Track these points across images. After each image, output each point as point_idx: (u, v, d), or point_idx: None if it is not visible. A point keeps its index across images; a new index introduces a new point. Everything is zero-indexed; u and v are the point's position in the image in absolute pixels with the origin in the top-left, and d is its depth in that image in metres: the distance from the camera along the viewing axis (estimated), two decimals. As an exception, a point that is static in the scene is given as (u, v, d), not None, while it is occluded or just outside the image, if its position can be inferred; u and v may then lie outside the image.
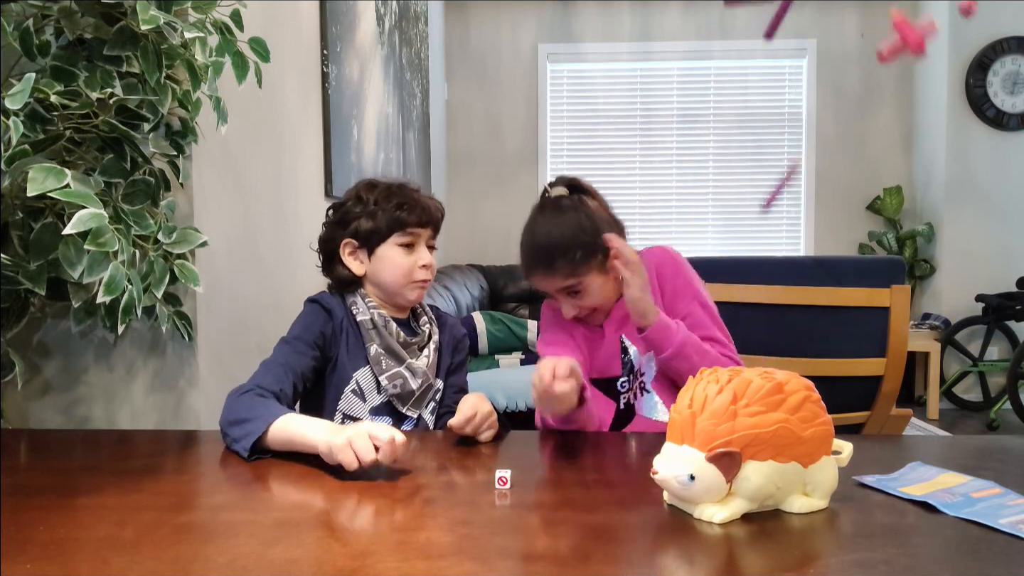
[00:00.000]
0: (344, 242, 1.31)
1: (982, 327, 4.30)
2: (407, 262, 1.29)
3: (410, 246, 1.30)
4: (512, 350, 3.30)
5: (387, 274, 1.30)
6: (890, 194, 4.64)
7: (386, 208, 1.28)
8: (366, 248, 1.30)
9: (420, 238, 1.31)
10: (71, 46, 1.18)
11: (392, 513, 0.79)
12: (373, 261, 1.30)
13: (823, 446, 0.80)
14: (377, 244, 1.29)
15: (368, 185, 1.33)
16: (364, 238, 1.29)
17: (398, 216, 1.28)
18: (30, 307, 1.30)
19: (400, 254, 1.29)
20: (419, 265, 1.30)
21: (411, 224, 1.29)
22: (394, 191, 1.30)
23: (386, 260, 1.29)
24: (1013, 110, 4.24)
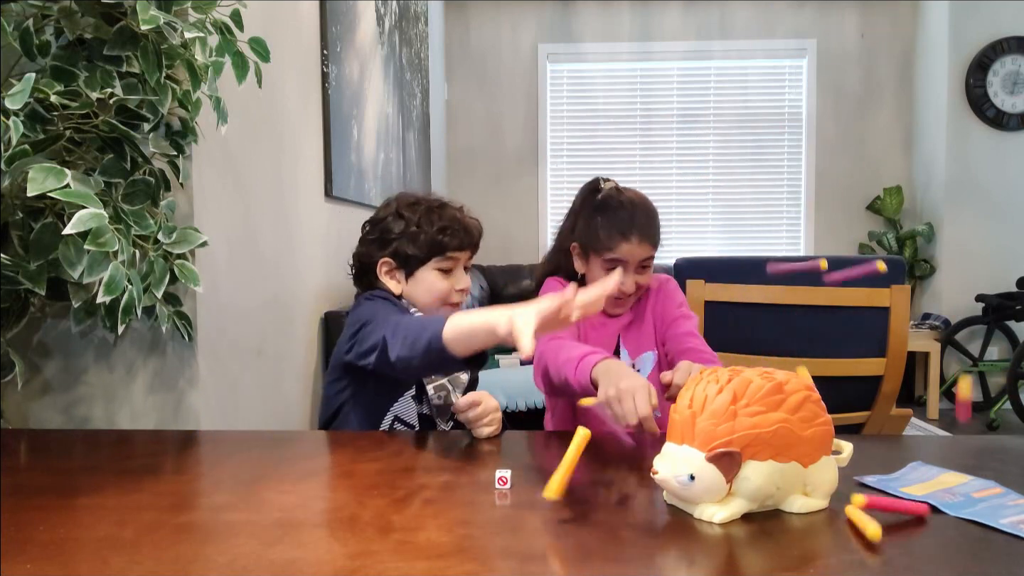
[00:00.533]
0: (381, 261, 1.29)
1: (982, 327, 4.30)
2: (444, 286, 1.29)
3: (449, 270, 1.29)
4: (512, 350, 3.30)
5: (422, 297, 1.29)
6: (890, 194, 4.64)
7: (428, 231, 1.26)
8: (404, 269, 1.29)
9: (459, 262, 1.31)
10: (71, 46, 1.18)
11: (392, 513, 0.79)
12: (410, 283, 1.29)
13: (823, 446, 0.80)
14: (416, 267, 1.28)
15: (409, 203, 1.29)
16: (403, 260, 1.28)
17: (440, 240, 1.26)
18: (30, 307, 1.30)
19: (438, 278, 1.28)
20: (456, 289, 1.30)
21: (452, 248, 1.27)
22: (435, 212, 1.28)
23: (424, 284, 1.28)
24: (1013, 110, 4.24)
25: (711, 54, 4.79)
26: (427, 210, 1.27)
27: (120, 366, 1.43)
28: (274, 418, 1.80)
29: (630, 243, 1.38)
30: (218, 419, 1.51)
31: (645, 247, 1.40)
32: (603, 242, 1.41)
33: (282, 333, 1.90)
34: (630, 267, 1.41)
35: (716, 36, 4.77)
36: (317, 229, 2.20)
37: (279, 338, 1.88)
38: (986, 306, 4.21)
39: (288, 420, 1.89)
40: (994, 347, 4.31)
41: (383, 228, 1.29)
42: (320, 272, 2.21)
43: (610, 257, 1.41)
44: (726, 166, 4.83)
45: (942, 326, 4.26)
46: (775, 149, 4.82)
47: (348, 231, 2.49)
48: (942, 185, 4.33)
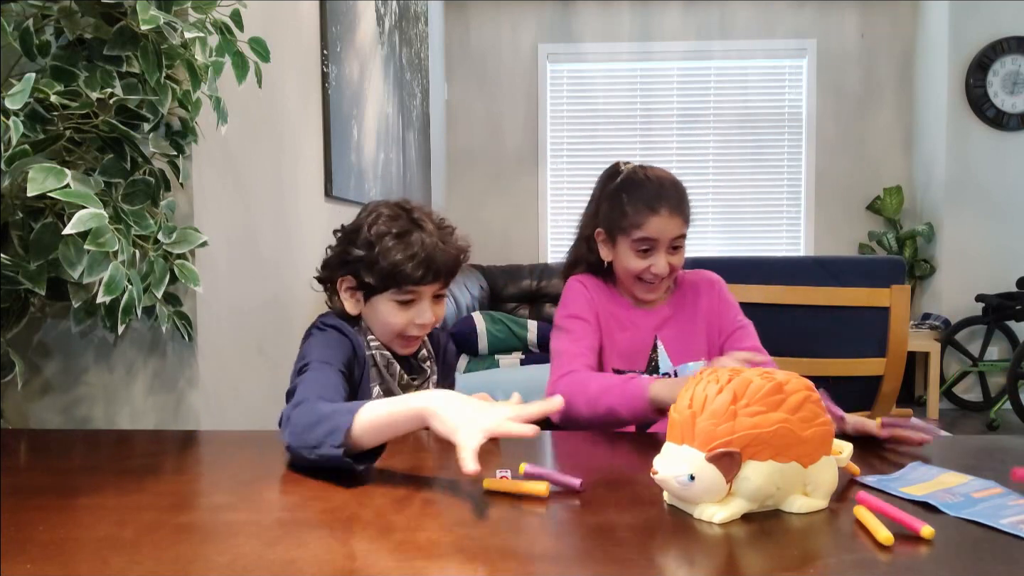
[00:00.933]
0: (341, 279, 1.20)
1: (982, 327, 4.30)
2: (399, 321, 1.16)
3: (408, 302, 1.16)
4: (512, 350, 3.30)
5: (378, 328, 1.19)
6: (890, 194, 4.64)
7: (387, 260, 1.12)
8: (362, 292, 1.18)
9: (421, 295, 1.17)
10: (71, 46, 1.18)
11: (392, 513, 0.79)
12: (368, 306, 1.19)
13: (823, 446, 0.80)
14: (373, 294, 1.17)
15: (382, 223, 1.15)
16: (362, 285, 1.17)
17: (398, 272, 1.13)
18: (30, 307, 1.30)
19: (394, 310, 1.16)
20: (414, 323, 1.17)
21: (411, 283, 1.14)
22: (403, 238, 1.13)
23: (380, 313, 1.17)
24: (1013, 110, 4.24)
25: (711, 54, 4.79)
26: (396, 235, 1.13)
27: (120, 366, 1.43)
28: (274, 418, 1.80)
29: (660, 217, 1.29)
30: (218, 419, 1.51)
31: (676, 222, 1.31)
32: (631, 219, 1.31)
33: (282, 333, 1.90)
34: (661, 246, 1.31)
35: (716, 36, 4.77)
36: (317, 229, 2.20)
37: (279, 338, 1.88)
38: (986, 306, 4.21)
39: (288, 420, 1.89)
40: (994, 347, 4.31)
41: (347, 242, 1.18)
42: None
43: (639, 236, 1.30)
44: (726, 166, 4.83)
45: (942, 326, 4.26)
46: (775, 149, 4.82)
47: (348, 231, 2.49)
48: (942, 185, 4.33)
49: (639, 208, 1.31)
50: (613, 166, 1.42)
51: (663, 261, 1.32)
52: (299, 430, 0.91)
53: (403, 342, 1.20)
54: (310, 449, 0.89)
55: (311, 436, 0.89)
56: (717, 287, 1.43)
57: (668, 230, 1.31)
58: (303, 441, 0.90)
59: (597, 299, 1.39)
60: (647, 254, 1.32)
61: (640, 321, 1.38)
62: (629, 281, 1.36)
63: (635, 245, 1.32)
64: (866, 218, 4.77)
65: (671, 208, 1.30)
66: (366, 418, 0.87)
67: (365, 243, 1.15)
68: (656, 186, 1.32)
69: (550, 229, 4.95)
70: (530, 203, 4.91)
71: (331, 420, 0.88)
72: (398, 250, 1.13)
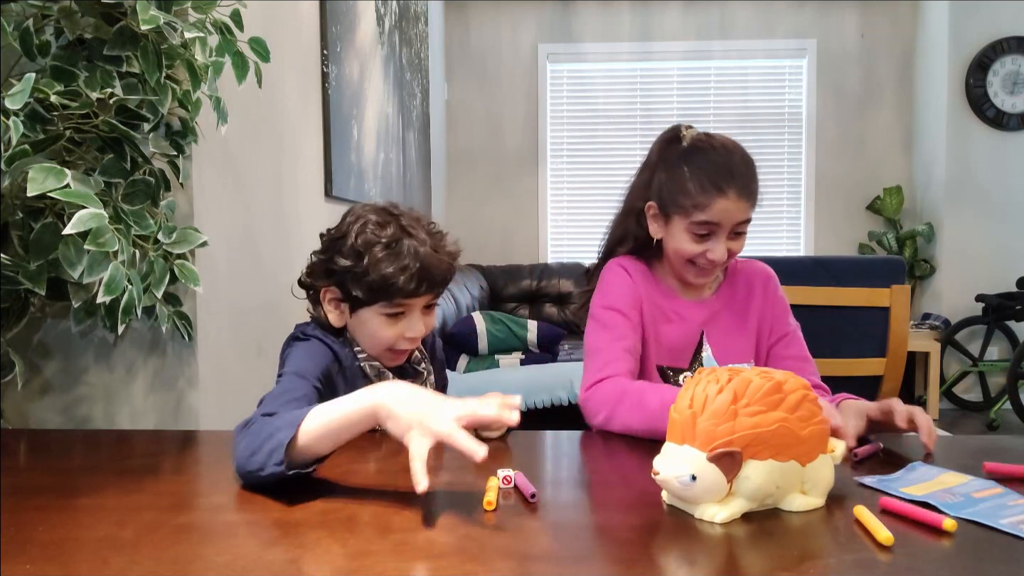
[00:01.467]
0: (325, 289, 1.11)
1: (982, 327, 4.30)
2: (389, 334, 1.09)
3: (398, 315, 1.09)
4: (512, 350, 3.30)
5: (364, 339, 1.12)
6: (890, 194, 4.64)
7: (376, 273, 1.05)
8: (348, 303, 1.11)
9: (412, 307, 1.10)
10: (71, 46, 1.18)
11: (392, 513, 0.79)
12: (354, 319, 1.11)
13: (820, 445, 0.81)
14: (360, 307, 1.10)
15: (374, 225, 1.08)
16: (348, 296, 1.09)
17: (390, 285, 1.05)
18: (30, 307, 1.30)
19: (382, 324, 1.09)
20: (404, 336, 1.10)
21: (402, 296, 1.07)
22: (393, 248, 1.06)
23: (367, 327, 1.10)
24: (1013, 110, 4.24)
25: (711, 54, 4.79)
26: (386, 244, 1.05)
27: (120, 366, 1.43)
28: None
29: (727, 199, 1.13)
30: (218, 419, 1.51)
31: (743, 206, 1.14)
32: (693, 198, 1.15)
33: (282, 333, 1.89)
34: (723, 231, 1.15)
35: (716, 36, 4.77)
36: (317, 229, 2.19)
37: (279, 338, 1.87)
38: (986, 306, 4.21)
39: (288, 420, 1.89)
40: (994, 347, 4.31)
41: (333, 251, 1.09)
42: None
43: (700, 219, 1.15)
44: (726, 166, 4.83)
45: (942, 326, 4.26)
46: (775, 149, 4.82)
47: (348, 231, 2.49)
48: (942, 185, 4.33)
49: (704, 186, 1.14)
50: (672, 129, 1.27)
51: (722, 247, 1.17)
52: (245, 454, 0.85)
53: (392, 355, 1.14)
54: (255, 473, 0.84)
55: (255, 460, 0.83)
56: (772, 283, 1.30)
57: (733, 215, 1.15)
58: (249, 466, 0.84)
59: (644, 288, 1.25)
60: (705, 239, 1.17)
61: (687, 313, 1.26)
62: (679, 264, 1.23)
63: (693, 228, 1.17)
64: (866, 218, 4.77)
65: (740, 189, 1.14)
66: (312, 426, 0.83)
67: (352, 253, 1.07)
68: (725, 160, 1.16)
69: (550, 229, 4.95)
70: (530, 203, 4.92)
71: (273, 438, 0.83)
72: (389, 261, 1.05)
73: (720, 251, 1.17)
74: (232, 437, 0.90)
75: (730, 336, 1.26)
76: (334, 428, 0.83)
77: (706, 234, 1.17)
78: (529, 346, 3.34)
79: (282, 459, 0.81)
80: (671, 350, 1.25)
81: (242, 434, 0.88)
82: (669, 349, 1.25)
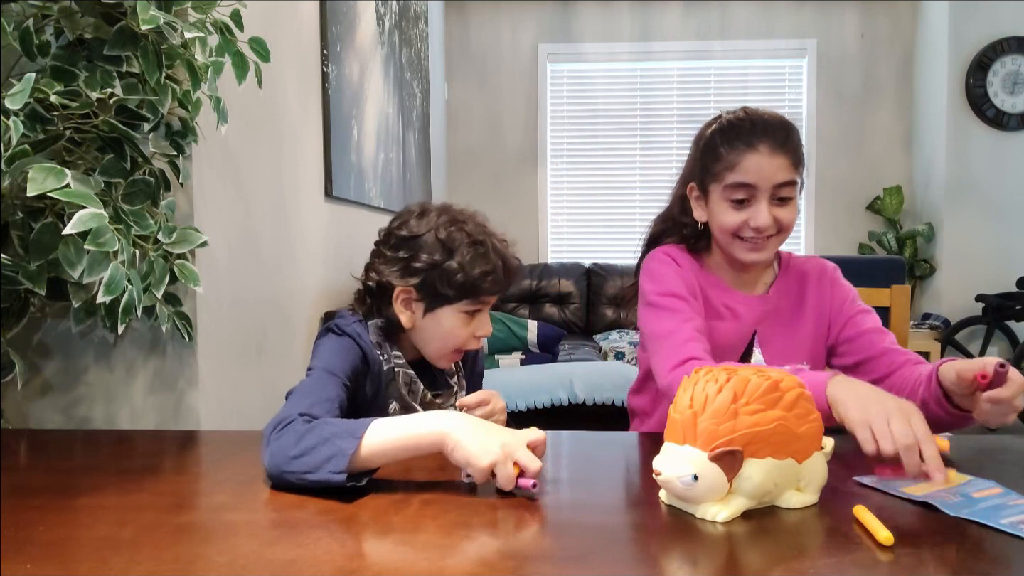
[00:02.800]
0: (401, 288, 1.09)
1: (982, 327, 4.30)
2: (464, 333, 1.10)
3: (475, 313, 1.10)
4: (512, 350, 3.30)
5: (435, 339, 1.11)
6: (890, 194, 4.64)
7: (469, 272, 1.06)
8: (424, 302, 1.09)
9: (488, 305, 1.12)
10: (71, 46, 1.18)
11: (392, 513, 0.79)
12: (427, 319, 1.10)
13: (815, 442, 0.81)
14: (440, 305, 1.09)
15: (451, 227, 1.08)
16: (428, 294, 1.08)
17: (477, 284, 1.06)
18: (30, 307, 1.30)
19: (460, 323, 1.10)
20: (475, 335, 1.11)
21: (488, 294, 1.09)
22: (480, 247, 1.07)
23: (443, 325, 1.10)
24: (1013, 110, 4.24)
25: (711, 54, 4.79)
26: (472, 244, 1.07)
27: (120, 366, 1.43)
28: (274, 418, 1.80)
29: (758, 154, 1.07)
30: (218, 419, 1.51)
31: (780, 161, 1.07)
32: (724, 160, 1.09)
33: (282, 333, 1.90)
34: (761, 193, 1.08)
35: (716, 36, 4.77)
36: (317, 229, 2.20)
37: (279, 338, 1.88)
38: (986, 306, 4.21)
39: (288, 420, 1.89)
40: (994, 347, 4.31)
41: (413, 249, 1.08)
42: (320, 272, 2.21)
43: (733, 181, 1.09)
44: (726, 166, 4.83)
45: (942, 326, 4.26)
46: (775, 149, 4.82)
47: (348, 231, 2.49)
48: (942, 185, 4.33)
49: (735, 145, 1.09)
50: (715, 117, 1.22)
51: (765, 212, 1.08)
52: (289, 455, 0.84)
53: (452, 356, 1.14)
54: (303, 474, 0.83)
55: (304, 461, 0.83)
56: (830, 274, 1.24)
57: (769, 172, 1.07)
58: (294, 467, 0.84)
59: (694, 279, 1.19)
60: (744, 205, 1.10)
61: (739, 309, 1.20)
62: (727, 242, 1.15)
63: (728, 193, 1.10)
64: (866, 218, 4.77)
65: (773, 145, 1.08)
66: (375, 441, 0.84)
67: (439, 251, 1.07)
68: (756, 121, 1.11)
69: (550, 229, 4.95)
70: (530, 203, 4.92)
71: (330, 443, 0.83)
72: (481, 260, 1.06)
73: (763, 216, 1.09)
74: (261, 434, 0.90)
75: (785, 335, 1.20)
76: (399, 447, 0.85)
77: (744, 199, 1.10)
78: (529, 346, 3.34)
79: (343, 468, 0.81)
80: (720, 348, 1.18)
81: (281, 433, 0.87)
82: (718, 347, 1.17)
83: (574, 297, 4.38)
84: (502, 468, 0.82)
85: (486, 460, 0.82)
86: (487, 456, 0.82)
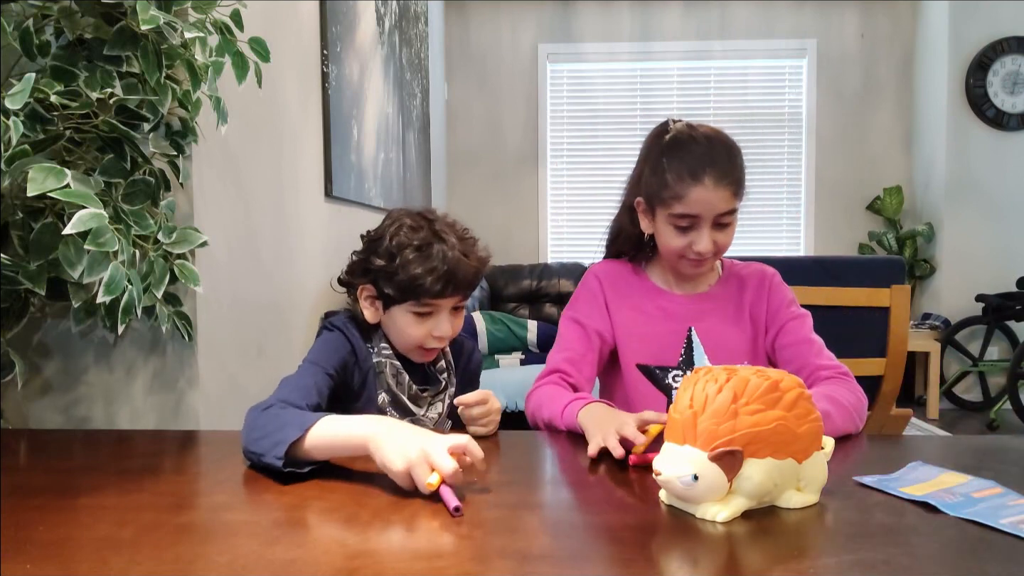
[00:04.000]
0: (361, 287, 1.19)
1: (982, 327, 4.30)
2: (418, 332, 1.16)
3: (426, 314, 1.16)
4: (512, 350, 3.30)
5: (395, 337, 1.19)
6: (890, 194, 4.64)
7: (407, 273, 1.12)
8: (381, 301, 1.18)
9: (440, 307, 1.16)
10: (71, 46, 1.18)
11: (392, 513, 0.79)
12: (387, 315, 1.18)
13: (815, 442, 0.81)
14: (391, 304, 1.17)
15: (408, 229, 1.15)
16: (380, 293, 1.17)
17: (418, 285, 1.12)
18: (30, 307, 1.30)
19: (411, 322, 1.16)
20: (432, 335, 1.16)
21: (430, 296, 1.13)
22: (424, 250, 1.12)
23: (397, 324, 1.17)
24: (1013, 110, 4.24)
25: (711, 54, 4.79)
26: (416, 247, 1.13)
27: (120, 366, 1.43)
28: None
29: (703, 187, 1.11)
30: (218, 419, 1.51)
31: (723, 194, 1.12)
32: (671, 189, 1.14)
33: (282, 333, 1.90)
34: (704, 222, 1.14)
35: (716, 36, 4.77)
36: (317, 229, 2.20)
37: (279, 338, 1.88)
38: (986, 306, 4.21)
39: (288, 420, 1.89)
40: (994, 347, 4.31)
41: (370, 251, 1.17)
42: (320, 272, 2.21)
43: (680, 212, 1.14)
44: (726, 166, 4.83)
45: (942, 326, 4.26)
46: (775, 149, 4.82)
47: (348, 231, 2.49)
48: (942, 185, 4.33)
49: (681, 176, 1.13)
50: (663, 124, 1.27)
51: (706, 239, 1.15)
52: (253, 436, 0.94)
53: (421, 352, 1.20)
54: (256, 456, 0.92)
55: (260, 444, 0.92)
56: (768, 280, 1.28)
57: (712, 204, 1.13)
58: (252, 447, 0.93)
59: (616, 294, 1.28)
60: (687, 231, 1.17)
61: (676, 310, 1.26)
62: (671, 260, 1.23)
63: (674, 220, 1.16)
64: (866, 218, 4.77)
65: (717, 177, 1.12)
66: (318, 433, 0.90)
67: (386, 254, 1.14)
68: (703, 149, 1.14)
69: (550, 229, 4.95)
70: (530, 203, 4.92)
71: (281, 431, 0.91)
72: (418, 263, 1.12)
73: (705, 243, 1.16)
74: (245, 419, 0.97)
75: (723, 332, 1.25)
76: (334, 444, 0.91)
77: (688, 226, 1.17)
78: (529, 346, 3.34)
79: (282, 455, 0.88)
80: (656, 350, 1.26)
81: (257, 415, 0.97)
82: (654, 349, 1.26)
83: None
84: (417, 470, 0.83)
85: (401, 464, 0.83)
86: (402, 460, 0.84)
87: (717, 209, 1.15)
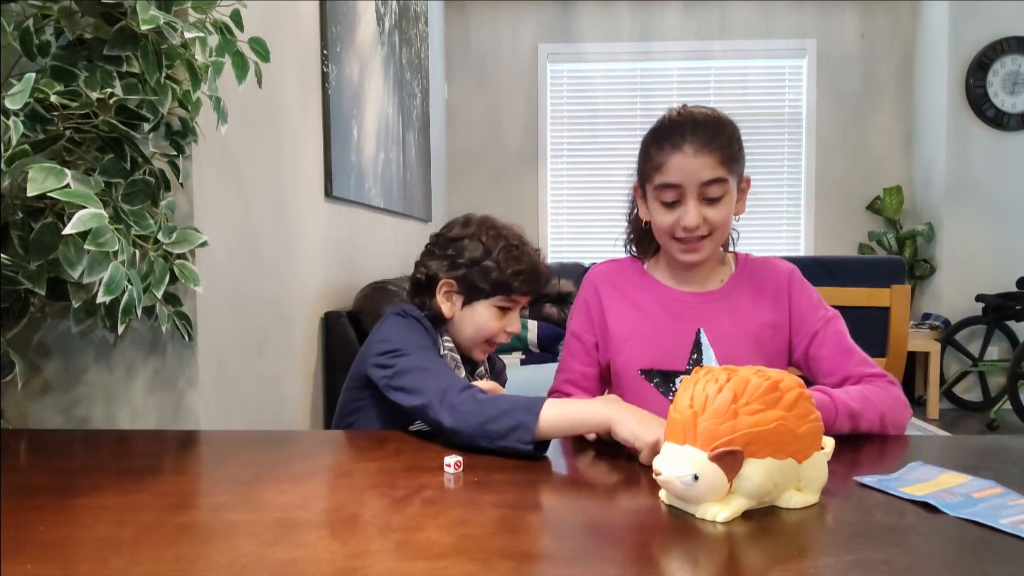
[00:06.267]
0: (444, 281, 1.26)
1: (982, 327, 4.30)
2: (495, 326, 1.26)
3: (506, 310, 1.26)
4: (512, 350, 3.30)
5: (468, 329, 1.26)
6: (890, 194, 4.64)
7: (503, 271, 1.23)
8: (463, 296, 1.26)
9: (519, 305, 1.27)
10: (71, 46, 1.18)
11: (392, 513, 0.79)
12: (465, 310, 1.26)
13: (815, 442, 0.81)
14: (476, 299, 1.25)
15: (491, 233, 1.26)
16: (467, 288, 1.25)
17: (511, 283, 1.23)
18: (30, 307, 1.30)
19: (493, 316, 1.25)
20: (505, 330, 1.26)
21: (519, 293, 1.24)
22: (515, 251, 1.24)
23: (477, 317, 1.25)
24: (1013, 110, 4.24)
25: (711, 54, 4.79)
26: (507, 247, 1.25)
27: (120, 366, 1.43)
28: (274, 418, 1.80)
29: (682, 154, 1.06)
30: (218, 419, 1.51)
31: (705, 161, 1.06)
32: (653, 161, 1.10)
33: (282, 333, 1.90)
34: (688, 193, 1.08)
35: (716, 36, 4.77)
36: (317, 229, 2.20)
37: (279, 338, 1.88)
38: (986, 306, 4.21)
39: (288, 420, 1.89)
40: (994, 347, 4.31)
41: (457, 248, 1.26)
42: (320, 272, 2.21)
43: (661, 182, 1.09)
44: (726, 166, 4.83)
45: (942, 326, 4.26)
46: (775, 149, 4.82)
47: (348, 231, 2.49)
48: (942, 185, 4.33)
49: (661, 145, 1.10)
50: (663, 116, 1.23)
51: (693, 212, 1.09)
52: (480, 419, 0.98)
53: (485, 348, 1.28)
54: (492, 439, 0.97)
55: (495, 426, 0.96)
56: (787, 277, 1.22)
57: (693, 171, 1.07)
58: (486, 431, 0.97)
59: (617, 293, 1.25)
60: (674, 206, 1.11)
61: (682, 311, 1.19)
62: (664, 242, 1.18)
63: (659, 194, 1.11)
64: (866, 218, 4.77)
65: (699, 145, 1.07)
66: (551, 415, 0.96)
67: (483, 251, 1.24)
68: (686, 120, 1.10)
69: (550, 229, 4.95)
70: (530, 203, 4.92)
71: (514, 415, 0.96)
72: (514, 261, 1.23)
73: (692, 216, 1.09)
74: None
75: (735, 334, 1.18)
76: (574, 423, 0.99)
77: (674, 201, 1.11)
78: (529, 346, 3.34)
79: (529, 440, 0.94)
80: (661, 354, 1.19)
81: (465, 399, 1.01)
82: (659, 354, 1.19)
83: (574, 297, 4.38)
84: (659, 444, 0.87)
85: (652, 436, 0.91)
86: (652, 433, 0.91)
87: (700, 177, 1.08)
